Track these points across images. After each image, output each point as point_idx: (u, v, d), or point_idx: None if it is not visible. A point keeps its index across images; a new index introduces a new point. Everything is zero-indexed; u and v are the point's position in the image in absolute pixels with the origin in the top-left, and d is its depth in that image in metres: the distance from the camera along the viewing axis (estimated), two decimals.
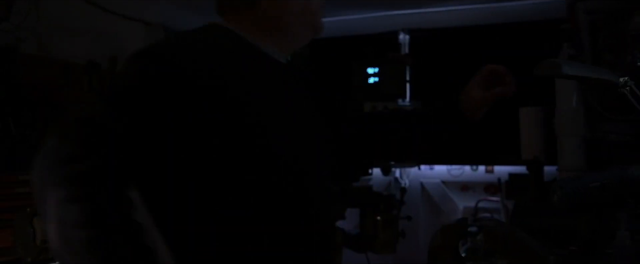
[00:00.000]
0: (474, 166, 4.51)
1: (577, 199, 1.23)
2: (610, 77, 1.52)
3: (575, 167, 2.72)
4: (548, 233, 2.04)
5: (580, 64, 1.44)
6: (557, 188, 1.24)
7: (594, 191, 1.24)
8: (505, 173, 3.97)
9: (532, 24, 4.31)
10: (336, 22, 4.93)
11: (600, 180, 1.24)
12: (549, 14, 4.15)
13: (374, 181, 4.13)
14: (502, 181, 3.89)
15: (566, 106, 2.80)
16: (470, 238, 1.50)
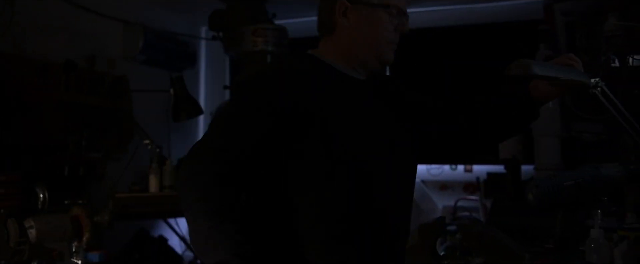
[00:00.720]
0: (453, 166, 4.55)
1: (552, 197, 1.25)
2: (582, 78, 1.55)
3: (552, 166, 2.77)
4: (525, 230, 2.07)
5: (551, 65, 1.46)
6: (532, 187, 1.26)
7: (568, 190, 1.26)
8: (483, 172, 4.01)
9: (510, 24, 4.37)
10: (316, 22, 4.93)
11: (574, 179, 1.27)
12: (526, 15, 4.22)
13: None
14: (481, 180, 3.93)
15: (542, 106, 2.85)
16: (448, 237, 1.52)
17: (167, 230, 4.03)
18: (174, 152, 3.79)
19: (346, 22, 1.50)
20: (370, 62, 1.53)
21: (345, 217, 1.37)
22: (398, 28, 1.52)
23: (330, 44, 1.53)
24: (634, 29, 1.75)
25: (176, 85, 3.51)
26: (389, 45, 1.53)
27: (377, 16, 1.49)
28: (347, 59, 1.52)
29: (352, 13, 1.49)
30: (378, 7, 1.48)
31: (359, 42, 1.50)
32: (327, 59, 1.52)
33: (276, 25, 4.09)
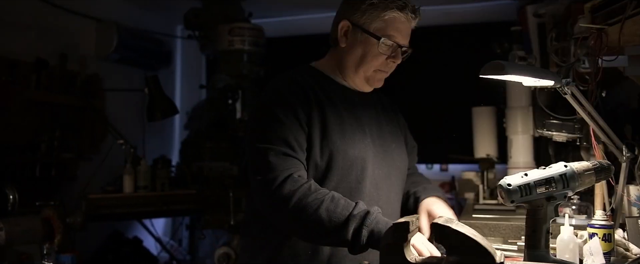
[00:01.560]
0: (429, 165, 4.60)
1: (523, 195, 1.27)
2: (553, 79, 1.58)
3: (524, 164, 2.81)
4: (498, 228, 2.10)
5: (524, 66, 1.48)
6: (503, 185, 1.28)
7: (539, 188, 1.28)
8: (459, 171, 4.06)
9: (484, 25, 4.43)
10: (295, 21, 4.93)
11: (544, 177, 1.29)
12: (500, 17, 4.29)
13: None
14: (456, 179, 3.98)
15: (516, 105, 2.89)
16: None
17: (142, 231, 3.98)
18: (149, 152, 3.75)
19: (345, 40, 1.62)
20: (358, 83, 1.67)
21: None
22: (390, 59, 1.61)
23: (332, 57, 1.69)
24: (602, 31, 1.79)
25: (151, 84, 3.46)
26: (377, 73, 1.64)
27: (370, 44, 1.59)
28: (341, 71, 1.67)
29: (350, 33, 1.62)
30: (372, 37, 1.58)
31: (350, 63, 1.63)
32: (325, 71, 1.69)
33: (253, 25, 4.08)
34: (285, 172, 1.43)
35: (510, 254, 1.66)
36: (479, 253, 1.06)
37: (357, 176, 1.57)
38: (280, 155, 1.45)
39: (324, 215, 1.37)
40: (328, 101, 1.59)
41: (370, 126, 1.67)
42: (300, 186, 1.41)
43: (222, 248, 3.22)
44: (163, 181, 3.46)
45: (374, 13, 1.57)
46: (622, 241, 1.53)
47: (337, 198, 1.41)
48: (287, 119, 1.50)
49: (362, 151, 1.58)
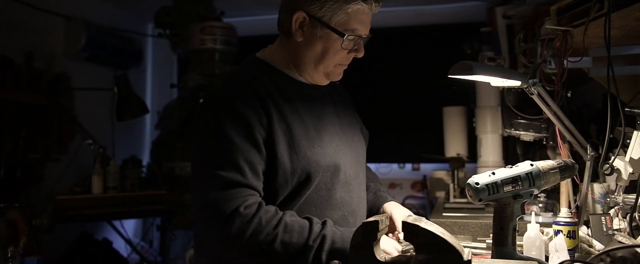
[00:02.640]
0: (401, 164, 4.64)
1: (491, 194, 1.29)
2: (520, 80, 1.61)
3: (494, 163, 2.86)
4: (467, 226, 2.13)
5: (491, 67, 1.51)
6: (471, 184, 1.30)
7: (506, 186, 1.30)
8: (430, 170, 4.11)
9: (454, 26, 4.49)
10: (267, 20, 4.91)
11: (511, 175, 1.31)
12: (470, 18, 4.35)
13: None
14: (428, 178, 4.02)
15: (486, 105, 2.94)
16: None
17: (111, 233, 3.91)
18: (119, 152, 3.69)
19: (301, 34, 1.47)
20: (317, 78, 1.54)
21: (309, 208, 1.44)
22: (352, 52, 1.50)
23: (283, 48, 1.54)
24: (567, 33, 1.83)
25: (120, 83, 3.41)
26: (337, 67, 1.52)
27: (331, 39, 1.45)
28: (297, 66, 1.53)
29: (308, 27, 1.46)
30: (335, 32, 1.44)
31: (308, 58, 1.49)
32: (277, 64, 1.54)
33: (225, 23, 4.05)
34: (232, 206, 1.29)
35: (479, 251, 1.69)
36: (447, 251, 1.08)
37: (326, 184, 1.47)
38: (226, 184, 1.31)
39: (280, 249, 1.29)
40: (288, 106, 1.46)
41: (333, 124, 1.57)
42: (250, 221, 1.28)
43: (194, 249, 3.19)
44: (133, 182, 3.41)
45: (335, 5, 1.41)
46: (586, 238, 1.57)
47: (290, 226, 1.31)
48: (238, 138, 1.34)
49: (333, 157, 1.49)
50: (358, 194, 1.59)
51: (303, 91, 1.53)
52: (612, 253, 1.22)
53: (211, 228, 1.33)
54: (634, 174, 1.53)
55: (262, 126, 1.38)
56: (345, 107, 1.69)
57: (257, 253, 1.30)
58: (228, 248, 1.33)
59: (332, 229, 1.35)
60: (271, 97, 1.43)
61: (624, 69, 1.92)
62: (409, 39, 4.45)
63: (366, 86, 1.57)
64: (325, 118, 1.55)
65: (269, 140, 1.39)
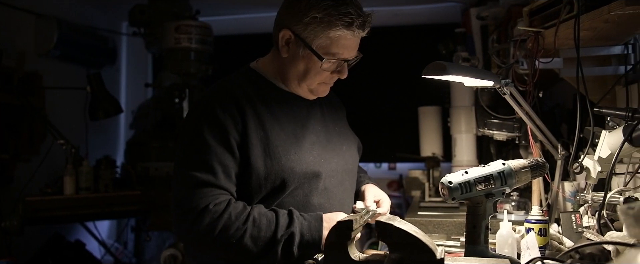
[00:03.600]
0: (378, 164, 4.66)
1: (464, 192, 1.31)
2: (493, 80, 1.63)
3: (468, 163, 2.90)
4: (442, 225, 2.15)
5: (464, 67, 1.53)
6: (445, 183, 1.31)
7: (479, 185, 1.32)
8: (406, 170, 4.13)
9: (430, 27, 4.53)
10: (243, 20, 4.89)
11: (483, 174, 1.33)
12: (445, 18, 4.40)
13: None
14: (404, 177, 4.05)
15: (460, 105, 2.97)
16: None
17: (84, 234, 3.85)
18: (92, 153, 3.63)
19: (286, 50, 1.50)
20: (302, 92, 1.58)
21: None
22: (335, 73, 1.53)
23: (273, 60, 1.58)
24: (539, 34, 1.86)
25: (93, 82, 3.35)
26: (321, 85, 1.56)
27: (312, 60, 1.48)
28: (283, 80, 1.58)
29: (293, 45, 1.48)
30: (315, 55, 1.46)
31: (292, 74, 1.53)
32: (267, 74, 1.59)
33: (200, 22, 4.02)
34: (202, 204, 1.34)
35: (453, 250, 1.71)
36: (420, 250, 1.09)
37: (304, 190, 1.50)
38: (198, 184, 1.36)
39: (249, 243, 1.34)
40: (269, 114, 1.50)
41: (317, 132, 1.59)
42: (220, 217, 1.34)
43: (169, 250, 3.15)
44: (106, 182, 3.36)
45: (318, 29, 1.43)
46: (557, 235, 1.60)
47: (258, 220, 1.36)
48: (214, 142, 1.40)
49: (311, 165, 1.50)
50: (340, 202, 1.60)
51: (288, 100, 1.57)
52: (581, 249, 1.25)
53: (183, 224, 1.37)
54: (602, 173, 1.56)
55: (238, 131, 1.43)
56: (336, 118, 1.73)
57: (228, 248, 1.35)
58: (198, 243, 1.38)
59: (299, 221, 1.39)
60: (251, 104, 1.47)
61: (593, 69, 1.96)
62: (385, 39, 4.47)
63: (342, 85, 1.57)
64: (309, 127, 1.58)
65: (243, 145, 1.43)
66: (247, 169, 1.43)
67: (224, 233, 1.33)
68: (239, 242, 1.33)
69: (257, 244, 1.34)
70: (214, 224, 1.33)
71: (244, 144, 1.43)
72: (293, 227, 1.36)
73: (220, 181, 1.39)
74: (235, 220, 1.34)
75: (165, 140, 3.79)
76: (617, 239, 1.26)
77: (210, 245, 1.36)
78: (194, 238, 1.37)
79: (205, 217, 1.33)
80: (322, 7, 1.42)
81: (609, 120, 1.59)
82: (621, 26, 1.68)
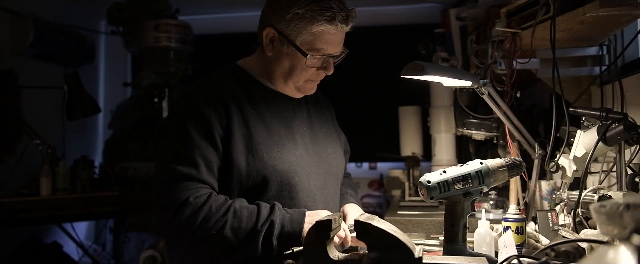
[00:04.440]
0: (359, 163, 4.68)
1: (442, 192, 1.32)
2: (471, 80, 1.65)
3: (447, 162, 2.92)
4: (421, 224, 2.16)
5: (443, 67, 1.54)
6: (423, 182, 1.32)
7: (457, 184, 1.33)
8: (387, 169, 4.16)
9: (410, 27, 4.56)
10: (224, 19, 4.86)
11: (462, 174, 1.34)
12: (425, 19, 4.43)
13: None
14: (384, 177, 4.07)
15: (440, 105, 3.00)
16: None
17: (62, 236, 3.79)
18: (70, 153, 3.57)
19: (271, 49, 1.50)
20: (288, 91, 1.58)
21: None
22: (320, 70, 1.52)
23: (260, 59, 1.58)
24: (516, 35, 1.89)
25: (71, 81, 3.30)
26: (308, 83, 1.56)
27: (297, 57, 1.48)
28: (269, 79, 1.58)
29: (277, 42, 1.48)
30: (299, 51, 1.46)
31: (277, 72, 1.53)
32: (254, 73, 1.59)
33: (180, 21, 3.98)
34: (183, 197, 1.35)
35: (431, 248, 1.72)
36: (399, 249, 1.09)
37: (289, 191, 1.49)
38: (180, 177, 1.37)
39: (230, 235, 1.34)
40: (254, 111, 1.50)
41: (302, 133, 1.59)
42: (200, 209, 1.34)
43: (148, 251, 3.13)
44: (84, 183, 3.31)
45: (301, 25, 1.43)
46: (534, 234, 1.62)
47: (239, 212, 1.36)
48: (197, 136, 1.40)
49: (293, 165, 1.50)
50: (325, 205, 1.60)
51: (274, 99, 1.57)
52: (557, 247, 1.27)
53: (164, 217, 1.37)
54: (577, 172, 1.59)
55: (222, 126, 1.43)
56: (323, 120, 1.73)
57: (209, 240, 1.35)
58: (180, 236, 1.38)
59: (281, 213, 1.39)
60: (236, 101, 1.48)
61: (569, 70, 2.00)
62: (365, 39, 4.49)
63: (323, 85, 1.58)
64: (294, 127, 1.58)
65: (226, 140, 1.43)
66: (228, 165, 1.44)
67: (204, 224, 1.33)
68: (219, 233, 1.33)
69: (238, 236, 1.34)
70: (195, 216, 1.33)
71: (227, 140, 1.43)
72: (273, 216, 1.37)
73: (202, 175, 1.39)
74: (216, 212, 1.35)
75: (144, 140, 3.75)
76: (591, 237, 1.29)
77: (191, 237, 1.36)
78: (174, 230, 1.37)
79: (186, 209, 1.34)
80: (304, 3, 1.42)
81: (584, 120, 1.61)
82: (596, 28, 1.71)
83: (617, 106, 1.79)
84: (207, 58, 4.52)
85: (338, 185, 1.71)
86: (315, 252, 1.14)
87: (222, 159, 1.44)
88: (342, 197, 1.76)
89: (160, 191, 1.38)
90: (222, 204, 1.37)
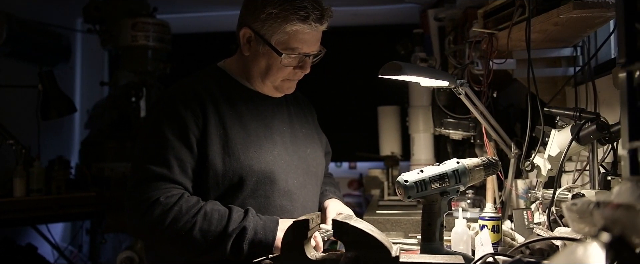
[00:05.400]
0: (338, 163, 4.69)
1: (419, 191, 1.33)
2: (448, 80, 1.66)
3: (426, 161, 2.94)
4: (400, 223, 2.18)
5: (420, 67, 1.55)
6: (400, 182, 1.33)
7: (434, 183, 1.34)
8: (366, 169, 4.17)
9: (390, 27, 4.58)
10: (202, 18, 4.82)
11: (439, 173, 1.35)
12: (404, 19, 4.45)
13: None
14: (363, 176, 4.08)
15: (418, 105, 3.01)
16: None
17: (37, 238, 3.72)
18: (45, 153, 3.51)
19: (248, 49, 1.51)
20: (267, 91, 1.59)
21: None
22: (297, 69, 1.52)
23: (239, 59, 1.59)
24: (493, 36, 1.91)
25: (45, 80, 3.24)
26: (286, 82, 1.56)
27: (273, 57, 1.48)
28: (247, 79, 1.58)
29: (254, 42, 1.49)
30: (274, 51, 1.46)
31: (255, 72, 1.54)
32: (233, 73, 1.59)
33: (158, 20, 3.94)
34: (154, 196, 1.35)
35: (410, 247, 1.73)
36: (376, 248, 1.10)
37: (265, 191, 1.49)
38: (153, 177, 1.37)
39: (199, 237, 1.34)
40: (232, 112, 1.50)
41: (281, 133, 1.59)
42: (170, 209, 1.34)
43: (125, 252, 3.09)
44: (59, 184, 3.25)
45: (275, 25, 1.43)
46: (510, 232, 1.65)
47: (209, 214, 1.36)
48: (172, 136, 1.40)
49: (270, 164, 1.50)
50: (303, 205, 1.60)
51: (254, 99, 1.57)
52: (531, 245, 1.29)
53: (135, 215, 1.37)
54: (552, 171, 1.61)
55: (198, 127, 1.43)
56: (304, 120, 1.73)
57: (177, 240, 1.35)
58: (150, 235, 1.39)
59: (255, 219, 1.39)
60: (213, 102, 1.48)
61: (544, 71, 2.03)
62: (345, 39, 4.50)
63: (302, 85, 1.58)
64: (273, 127, 1.58)
65: (202, 141, 1.44)
66: (204, 165, 1.44)
67: (173, 225, 1.33)
68: (187, 234, 1.33)
69: (206, 238, 1.34)
70: (164, 216, 1.33)
71: (203, 141, 1.44)
72: (246, 222, 1.36)
73: (175, 175, 1.39)
74: (185, 213, 1.34)
75: (121, 140, 3.70)
76: (564, 234, 1.31)
77: (160, 237, 1.36)
78: (144, 229, 1.38)
79: (156, 208, 1.34)
80: (278, 2, 1.43)
81: (559, 119, 1.64)
82: (570, 29, 1.74)
83: (591, 106, 1.82)
84: (185, 57, 4.48)
85: (317, 185, 1.71)
86: (292, 252, 1.14)
87: (198, 160, 1.44)
88: (323, 194, 1.77)
89: (132, 189, 1.39)
90: (193, 206, 1.37)
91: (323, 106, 4.34)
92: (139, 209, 1.35)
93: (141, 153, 1.44)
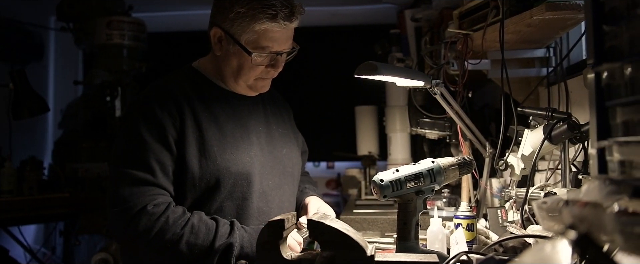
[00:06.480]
0: (316, 162, 4.69)
1: (395, 190, 1.33)
2: (424, 80, 1.67)
3: (403, 161, 2.96)
4: (376, 222, 2.19)
5: (396, 67, 1.56)
6: (376, 181, 1.34)
7: (409, 183, 1.35)
8: (344, 168, 4.18)
9: (367, 27, 4.60)
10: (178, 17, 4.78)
11: (414, 172, 1.36)
12: (381, 20, 4.48)
13: None
14: (341, 176, 4.09)
15: (395, 104, 3.04)
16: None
17: (8, 240, 3.64)
18: (17, 153, 3.43)
19: (219, 48, 1.49)
20: (241, 90, 1.57)
21: (224, 217, 1.44)
22: (269, 67, 1.51)
23: (212, 59, 1.57)
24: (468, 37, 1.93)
25: (17, 79, 3.17)
26: (259, 81, 1.54)
27: (243, 56, 1.47)
28: (221, 78, 1.56)
29: (224, 42, 1.48)
30: (244, 50, 1.45)
31: (227, 71, 1.52)
32: (208, 73, 1.58)
33: (133, 18, 3.89)
34: (140, 204, 1.32)
35: (386, 246, 1.74)
36: (351, 247, 1.10)
37: (242, 192, 1.48)
38: (136, 182, 1.35)
39: (185, 250, 1.32)
40: (207, 113, 1.48)
41: (257, 133, 1.58)
42: (157, 220, 1.32)
43: (100, 254, 3.04)
44: (32, 184, 3.19)
45: (243, 24, 1.42)
46: (484, 230, 1.67)
47: (196, 227, 1.34)
48: (151, 139, 1.38)
49: (247, 166, 1.49)
50: (279, 205, 1.59)
51: (229, 100, 1.56)
52: (504, 243, 1.30)
53: (119, 224, 1.34)
54: (525, 170, 1.64)
55: (175, 128, 1.42)
56: (280, 120, 1.72)
57: (163, 252, 1.33)
58: (134, 245, 1.36)
59: (240, 233, 1.37)
60: (189, 103, 1.47)
61: (518, 71, 2.06)
62: (323, 39, 4.51)
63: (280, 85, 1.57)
64: (249, 128, 1.56)
65: (179, 143, 1.42)
66: (181, 168, 1.42)
67: (159, 236, 1.31)
68: (174, 247, 1.31)
69: (193, 252, 1.32)
70: (150, 226, 1.31)
71: (180, 143, 1.42)
72: (232, 238, 1.35)
73: (158, 179, 1.37)
74: (172, 224, 1.32)
75: (96, 140, 3.64)
76: (536, 232, 1.33)
77: (145, 247, 1.34)
78: (128, 239, 1.35)
79: (142, 218, 1.31)
80: (246, 1, 1.41)
81: (531, 119, 1.67)
82: (543, 30, 1.77)
83: (563, 106, 1.85)
84: (161, 56, 4.43)
85: (294, 185, 1.71)
86: (268, 252, 1.13)
87: (176, 162, 1.42)
88: (302, 192, 1.77)
89: (116, 196, 1.35)
90: (180, 217, 1.34)
91: (301, 105, 4.35)
92: (123, 217, 1.32)
93: (121, 157, 1.40)
